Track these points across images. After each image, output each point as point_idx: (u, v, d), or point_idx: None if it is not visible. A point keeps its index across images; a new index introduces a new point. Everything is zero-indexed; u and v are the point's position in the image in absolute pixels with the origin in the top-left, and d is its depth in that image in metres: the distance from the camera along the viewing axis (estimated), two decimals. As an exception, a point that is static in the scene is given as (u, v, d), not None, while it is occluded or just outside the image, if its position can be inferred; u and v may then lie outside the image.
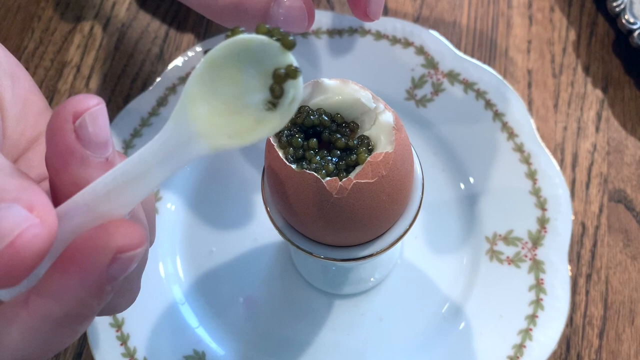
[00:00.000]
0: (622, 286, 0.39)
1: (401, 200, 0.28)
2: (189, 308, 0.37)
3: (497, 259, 0.38)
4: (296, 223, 0.29)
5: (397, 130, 0.26)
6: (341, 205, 0.25)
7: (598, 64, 0.46)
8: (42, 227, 0.16)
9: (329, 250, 0.29)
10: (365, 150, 0.26)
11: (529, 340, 0.35)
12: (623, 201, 0.42)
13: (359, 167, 0.25)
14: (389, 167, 0.25)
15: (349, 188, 0.25)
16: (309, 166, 0.25)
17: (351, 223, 0.27)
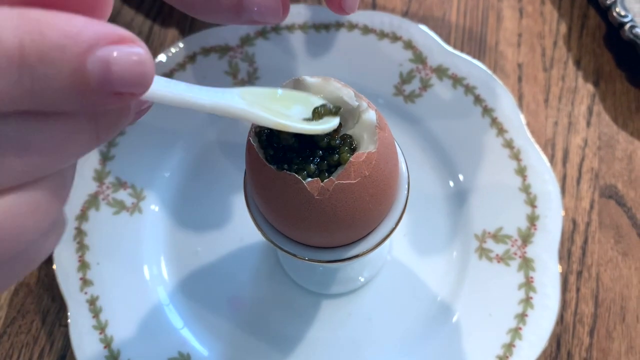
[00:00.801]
0: (613, 283, 0.39)
1: (386, 201, 0.28)
2: (173, 309, 0.37)
3: (487, 257, 0.37)
4: (279, 225, 0.28)
5: (380, 129, 0.25)
6: (323, 207, 0.25)
7: (589, 57, 0.45)
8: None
9: (313, 252, 0.29)
10: (347, 150, 0.25)
11: (519, 339, 0.35)
12: (614, 197, 0.41)
13: (341, 167, 0.25)
14: (371, 167, 0.25)
15: (331, 189, 0.24)
16: (289, 167, 0.25)
17: (334, 224, 0.26)
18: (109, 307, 0.36)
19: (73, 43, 0.15)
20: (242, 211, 0.39)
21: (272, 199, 0.26)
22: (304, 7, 0.43)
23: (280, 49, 0.41)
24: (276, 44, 0.41)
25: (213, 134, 0.41)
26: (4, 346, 0.38)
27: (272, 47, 0.41)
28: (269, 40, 0.41)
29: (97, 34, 0.15)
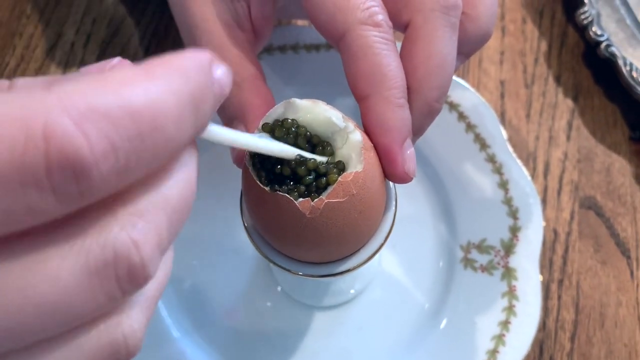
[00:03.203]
0: (593, 291, 0.41)
1: (374, 217, 0.29)
2: (170, 320, 0.38)
3: (471, 267, 0.39)
4: (273, 242, 0.29)
5: (365, 150, 0.27)
6: (315, 225, 0.26)
7: (569, 74, 0.47)
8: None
9: (307, 267, 0.30)
10: (335, 171, 0.27)
11: (502, 345, 0.37)
12: (593, 208, 0.43)
13: (331, 187, 0.26)
14: (359, 185, 0.26)
15: (321, 208, 0.26)
16: (281, 188, 0.26)
17: (326, 241, 0.28)
18: (109, 319, 0.37)
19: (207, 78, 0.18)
20: (237, 226, 0.41)
21: (266, 218, 0.27)
22: (295, 27, 0.45)
23: (272, 69, 0.43)
24: (268, 64, 0.43)
25: (211, 151, 0.43)
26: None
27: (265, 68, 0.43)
28: (262, 60, 0.43)
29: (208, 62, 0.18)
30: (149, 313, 0.19)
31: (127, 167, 0.16)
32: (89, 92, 0.15)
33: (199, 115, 0.18)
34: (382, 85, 0.27)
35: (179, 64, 0.17)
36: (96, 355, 0.17)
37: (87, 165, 0.15)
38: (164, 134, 0.16)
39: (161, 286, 0.19)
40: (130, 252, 0.16)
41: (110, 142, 0.15)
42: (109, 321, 0.17)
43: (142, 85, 0.16)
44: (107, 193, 0.16)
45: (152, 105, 0.16)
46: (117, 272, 0.16)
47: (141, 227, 0.17)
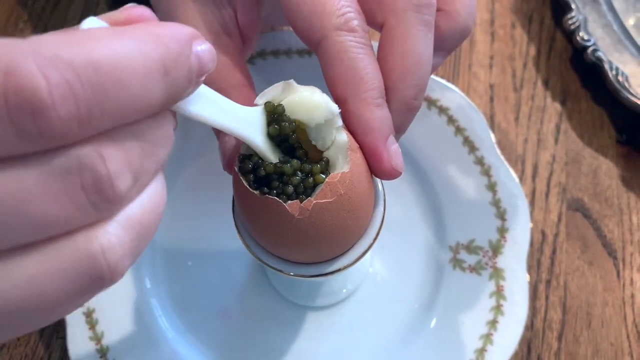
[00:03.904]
0: (580, 291, 0.42)
1: (362, 216, 0.30)
2: (166, 321, 0.39)
3: (460, 267, 0.40)
4: (265, 243, 0.30)
5: (351, 151, 0.27)
6: (304, 226, 0.27)
7: (557, 78, 0.48)
8: None
9: (298, 267, 0.31)
10: (319, 168, 0.27)
11: (490, 344, 0.37)
12: (580, 209, 0.44)
13: (318, 187, 0.27)
14: (346, 185, 0.27)
15: (310, 209, 0.26)
16: (270, 191, 0.27)
17: (316, 241, 0.28)
18: (105, 319, 0.38)
19: (184, 48, 0.19)
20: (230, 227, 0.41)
21: (257, 221, 0.28)
22: (288, 33, 0.45)
23: (265, 74, 0.43)
24: (261, 69, 0.44)
25: (205, 153, 0.43)
26: (3, 358, 0.40)
27: (257, 73, 0.44)
28: (255, 65, 0.44)
29: (188, 36, 0.19)
30: (134, 236, 0.19)
31: (89, 116, 0.17)
32: (58, 43, 0.16)
33: (169, 82, 0.18)
34: (359, 87, 0.28)
35: (155, 30, 0.18)
36: (74, 264, 0.18)
37: (44, 105, 0.16)
38: (129, 90, 0.17)
39: (148, 212, 0.20)
40: (96, 163, 0.17)
41: (70, 88, 0.16)
42: (86, 233, 0.18)
43: (111, 42, 0.17)
44: (71, 139, 0.17)
45: (118, 61, 0.17)
46: (82, 181, 0.17)
47: (108, 145, 0.18)
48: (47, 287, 0.18)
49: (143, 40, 0.18)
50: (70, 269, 0.18)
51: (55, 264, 0.18)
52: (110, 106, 0.17)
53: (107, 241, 0.18)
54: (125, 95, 0.17)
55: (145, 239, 0.20)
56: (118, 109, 0.17)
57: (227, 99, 0.25)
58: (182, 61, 0.19)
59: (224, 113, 0.24)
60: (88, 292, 0.19)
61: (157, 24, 0.19)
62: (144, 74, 0.18)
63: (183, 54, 0.19)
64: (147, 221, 0.20)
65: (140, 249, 0.20)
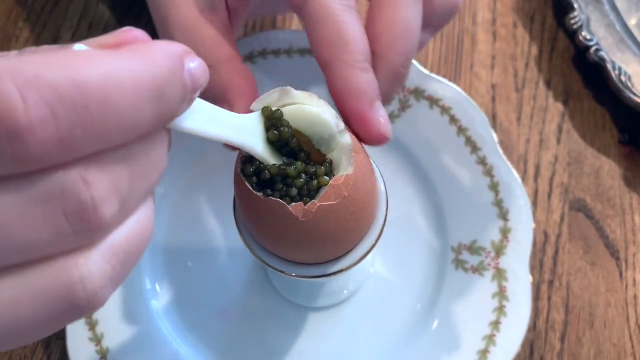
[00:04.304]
0: (582, 291, 0.41)
1: (365, 217, 0.30)
2: (166, 321, 0.39)
3: (462, 268, 0.40)
4: (267, 244, 0.30)
5: (355, 152, 0.27)
6: (308, 228, 0.27)
7: (559, 78, 0.48)
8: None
9: (300, 268, 0.30)
10: (324, 170, 0.27)
11: (493, 345, 0.37)
12: (583, 210, 0.44)
13: (322, 190, 0.27)
14: (349, 187, 0.27)
15: (314, 211, 0.26)
16: (273, 193, 0.27)
17: (319, 242, 0.28)
18: (104, 320, 0.38)
19: (176, 66, 0.19)
20: (231, 227, 0.41)
21: (259, 222, 0.28)
22: (289, 32, 0.45)
23: (266, 73, 0.43)
24: (262, 68, 0.43)
25: (207, 154, 0.43)
26: (2, 359, 0.39)
27: (258, 72, 0.43)
28: (256, 65, 0.44)
29: (180, 53, 0.19)
30: (116, 264, 0.19)
31: (71, 138, 0.16)
32: (42, 63, 0.16)
33: (161, 101, 0.18)
34: (344, 50, 0.27)
35: (145, 49, 0.18)
36: (51, 291, 0.17)
37: (20, 128, 0.15)
38: (116, 111, 0.16)
39: (134, 239, 0.19)
40: (80, 189, 0.17)
41: (50, 109, 0.15)
42: (65, 260, 0.17)
43: (99, 61, 0.17)
44: (52, 162, 0.16)
45: (104, 81, 0.16)
46: (64, 207, 0.17)
47: (94, 169, 0.17)
48: (21, 312, 0.17)
49: (133, 60, 0.17)
50: (46, 295, 0.17)
51: (31, 290, 0.17)
52: (95, 128, 0.16)
53: (87, 270, 0.18)
54: (111, 117, 0.16)
55: (128, 267, 0.20)
56: (103, 131, 0.17)
57: (221, 109, 0.24)
58: (175, 79, 0.18)
59: (219, 124, 0.24)
60: (64, 320, 0.18)
61: (148, 44, 0.18)
62: (133, 94, 0.17)
63: (176, 72, 0.18)
64: (132, 248, 0.19)
65: (122, 276, 0.19)
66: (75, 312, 0.18)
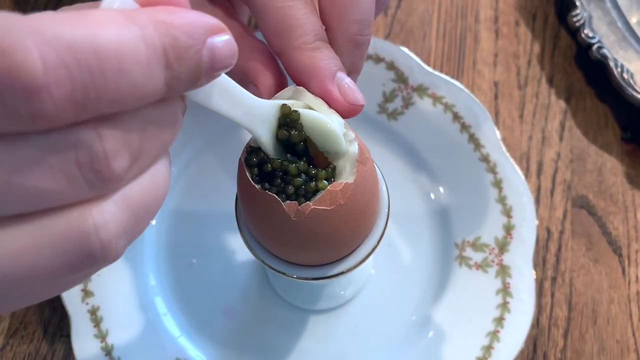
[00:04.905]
0: (585, 288, 0.42)
1: (361, 227, 0.29)
2: (170, 318, 0.39)
3: (466, 265, 0.40)
4: (265, 242, 0.30)
5: (360, 163, 0.27)
6: (299, 228, 0.26)
7: (561, 75, 0.48)
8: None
9: (300, 270, 0.30)
10: (325, 174, 0.27)
11: (497, 341, 0.37)
12: (585, 207, 0.44)
13: (320, 193, 0.26)
14: (347, 196, 0.26)
15: (307, 213, 0.26)
16: (271, 188, 0.26)
17: (311, 245, 0.28)
18: (109, 316, 0.38)
19: (195, 42, 0.18)
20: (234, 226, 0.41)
21: (256, 216, 0.28)
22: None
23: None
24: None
25: (210, 152, 0.43)
26: (6, 356, 0.40)
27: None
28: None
29: (205, 29, 0.19)
30: (131, 216, 0.19)
31: (86, 100, 0.16)
32: (61, 23, 0.16)
33: (172, 73, 0.18)
34: (291, 36, 0.27)
35: (168, 19, 0.18)
36: (65, 239, 0.18)
37: (38, 87, 0.15)
38: (129, 78, 0.17)
39: (148, 194, 0.20)
40: (93, 141, 0.17)
41: (67, 71, 0.16)
42: (80, 209, 0.18)
43: (116, 27, 0.17)
44: (66, 121, 0.16)
45: (121, 47, 0.16)
46: (77, 157, 0.17)
47: (107, 125, 0.17)
48: (36, 259, 0.18)
49: (150, 27, 0.17)
50: (61, 243, 0.18)
51: (46, 237, 0.18)
52: (108, 92, 0.17)
53: (102, 218, 0.18)
54: (125, 83, 0.17)
55: (144, 221, 0.20)
56: (116, 96, 0.17)
57: (242, 89, 0.24)
58: (189, 56, 0.18)
59: (234, 104, 0.24)
60: (79, 270, 0.19)
61: (178, 11, 0.18)
62: (146, 63, 0.17)
63: (191, 49, 0.18)
64: (147, 203, 0.20)
65: (138, 230, 0.20)
66: (90, 261, 0.18)
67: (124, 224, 0.19)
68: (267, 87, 0.29)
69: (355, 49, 0.29)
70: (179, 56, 0.18)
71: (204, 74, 0.19)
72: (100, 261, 0.19)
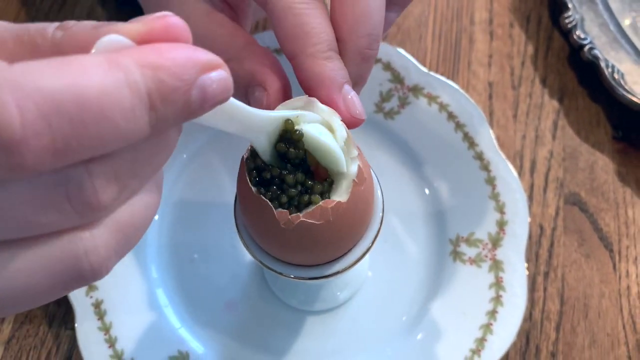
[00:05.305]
0: (577, 283, 0.43)
1: (345, 242, 0.30)
2: (172, 311, 0.40)
3: (460, 260, 0.41)
4: (259, 242, 0.31)
5: (357, 184, 0.27)
6: (288, 235, 0.27)
7: (554, 76, 0.49)
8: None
9: (293, 269, 0.31)
10: (319, 188, 0.27)
11: (490, 334, 0.38)
12: (578, 204, 0.45)
13: (311, 206, 0.27)
14: (337, 214, 0.27)
15: (295, 224, 0.27)
16: (266, 193, 0.27)
17: (299, 250, 0.29)
18: (113, 309, 0.39)
19: (182, 83, 0.18)
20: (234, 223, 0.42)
21: (251, 216, 0.29)
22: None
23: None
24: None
25: (214, 149, 0.44)
26: (12, 349, 0.41)
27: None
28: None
29: (196, 67, 0.18)
30: (121, 238, 0.20)
31: (67, 148, 0.17)
32: (44, 73, 0.16)
33: (157, 114, 0.18)
34: (306, 43, 0.28)
35: (155, 59, 0.18)
36: (58, 263, 0.19)
37: (15, 141, 0.16)
38: (111, 123, 0.17)
39: (138, 215, 0.20)
40: (82, 178, 0.18)
41: (46, 122, 0.16)
42: (72, 234, 0.19)
43: (100, 73, 0.17)
44: (50, 168, 0.17)
45: (102, 95, 0.17)
46: (67, 192, 0.18)
47: (97, 163, 0.18)
48: (31, 279, 0.19)
49: (135, 72, 0.17)
50: (53, 266, 0.19)
51: (40, 261, 0.19)
52: (90, 139, 0.17)
53: (92, 243, 0.19)
54: (107, 129, 0.17)
55: (134, 239, 0.21)
56: (99, 142, 0.17)
57: (239, 102, 0.24)
58: (175, 98, 0.18)
59: (232, 119, 0.24)
60: (72, 288, 0.20)
61: (170, 50, 0.18)
62: (130, 108, 0.17)
63: (178, 90, 0.18)
64: (137, 223, 0.20)
65: (128, 247, 0.21)
66: (80, 280, 0.20)
67: (114, 246, 0.20)
68: (275, 89, 0.29)
69: (363, 62, 0.30)
70: (164, 98, 0.18)
71: (194, 111, 0.19)
72: (90, 280, 0.20)
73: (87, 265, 0.19)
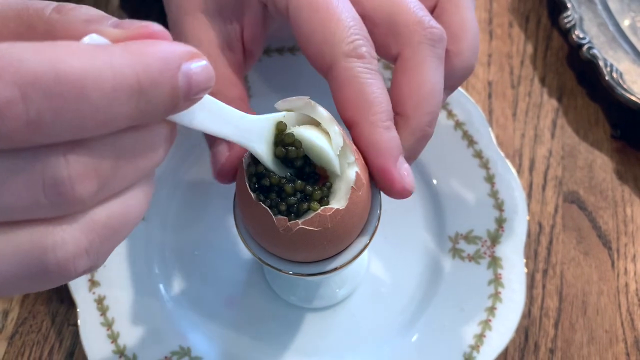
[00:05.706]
0: (576, 280, 0.43)
1: (345, 243, 0.31)
2: (174, 306, 0.40)
3: (459, 257, 0.41)
4: (258, 240, 0.31)
5: (354, 190, 0.28)
6: (287, 241, 0.28)
7: (553, 75, 0.50)
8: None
9: (292, 266, 0.31)
10: (319, 194, 0.28)
11: (489, 330, 0.38)
12: (576, 202, 0.45)
13: (310, 213, 0.28)
14: (335, 221, 0.28)
15: (294, 230, 0.27)
16: (265, 200, 0.28)
17: (297, 252, 0.30)
18: (115, 305, 0.39)
19: (168, 67, 0.19)
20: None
21: (251, 219, 0.29)
22: (292, 31, 0.47)
23: (270, 71, 0.45)
24: (266, 66, 0.45)
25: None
26: (16, 344, 0.41)
27: (262, 70, 0.45)
28: (259, 62, 0.45)
29: (179, 55, 0.19)
30: (95, 238, 0.20)
31: (40, 122, 0.17)
32: (29, 50, 0.17)
33: (143, 100, 0.18)
34: (368, 111, 0.29)
35: (141, 48, 0.18)
36: (25, 251, 0.19)
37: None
38: (91, 104, 0.17)
39: (116, 219, 0.20)
40: (59, 166, 0.18)
41: (20, 93, 0.16)
42: (42, 227, 0.19)
43: (84, 55, 0.17)
44: (25, 142, 0.17)
45: (84, 73, 0.17)
46: (43, 179, 0.18)
47: (78, 151, 0.18)
48: None
49: (120, 56, 0.18)
50: (21, 254, 0.19)
51: (9, 247, 0.19)
52: (67, 116, 0.17)
53: (60, 238, 0.19)
54: (85, 108, 0.17)
55: (110, 242, 0.21)
56: (77, 121, 0.17)
57: (230, 107, 0.25)
58: (163, 81, 0.19)
59: (224, 123, 0.25)
60: (39, 281, 0.20)
61: (150, 43, 0.19)
62: (111, 90, 0.18)
63: (165, 74, 0.19)
64: (115, 226, 0.20)
65: (105, 250, 0.21)
66: (46, 275, 0.19)
67: (85, 245, 0.20)
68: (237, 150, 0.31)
69: (422, 138, 0.31)
70: (153, 81, 0.19)
71: (181, 97, 0.20)
72: (57, 277, 0.20)
73: (52, 260, 0.19)
